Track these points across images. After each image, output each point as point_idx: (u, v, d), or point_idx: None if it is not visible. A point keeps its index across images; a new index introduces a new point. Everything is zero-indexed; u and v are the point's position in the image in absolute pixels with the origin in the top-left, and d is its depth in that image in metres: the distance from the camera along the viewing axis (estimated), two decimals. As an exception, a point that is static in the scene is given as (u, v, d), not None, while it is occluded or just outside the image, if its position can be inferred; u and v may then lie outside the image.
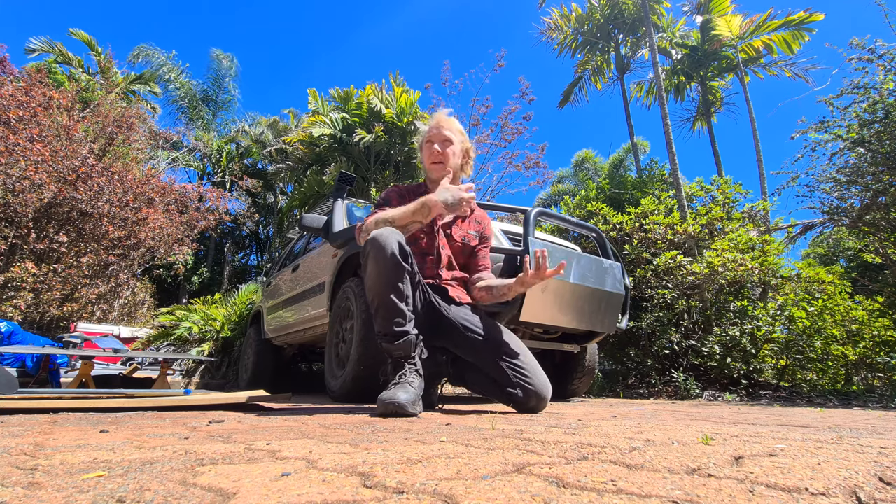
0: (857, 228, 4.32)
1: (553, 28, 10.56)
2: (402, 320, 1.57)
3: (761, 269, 4.41)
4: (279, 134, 13.90)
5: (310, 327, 3.35)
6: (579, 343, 2.95)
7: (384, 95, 9.19)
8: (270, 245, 16.88)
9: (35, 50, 12.11)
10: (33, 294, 6.13)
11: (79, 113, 8.24)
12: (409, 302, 1.59)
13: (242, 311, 6.40)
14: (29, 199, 6.10)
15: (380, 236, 1.55)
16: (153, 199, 7.98)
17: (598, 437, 1.01)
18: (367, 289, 1.60)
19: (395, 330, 1.57)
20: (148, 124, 12.28)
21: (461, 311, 1.79)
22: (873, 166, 3.96)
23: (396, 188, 1.95)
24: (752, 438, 0.99)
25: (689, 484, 0.56)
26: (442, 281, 1.83)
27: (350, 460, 0.71)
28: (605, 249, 3.00)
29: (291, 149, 10.63)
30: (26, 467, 0.66)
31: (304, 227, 3.05)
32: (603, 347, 4.81)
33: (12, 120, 6.21)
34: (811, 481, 0.57)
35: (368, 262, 1.57)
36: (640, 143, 13.78)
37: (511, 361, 1.69)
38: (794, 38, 9.00)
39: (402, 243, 1.55)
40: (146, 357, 5.57)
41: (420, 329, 1.65)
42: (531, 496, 0.51)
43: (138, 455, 0.76)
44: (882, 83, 3.97)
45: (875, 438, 1.03)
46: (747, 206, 5.45)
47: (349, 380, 2.35)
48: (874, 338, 3.95)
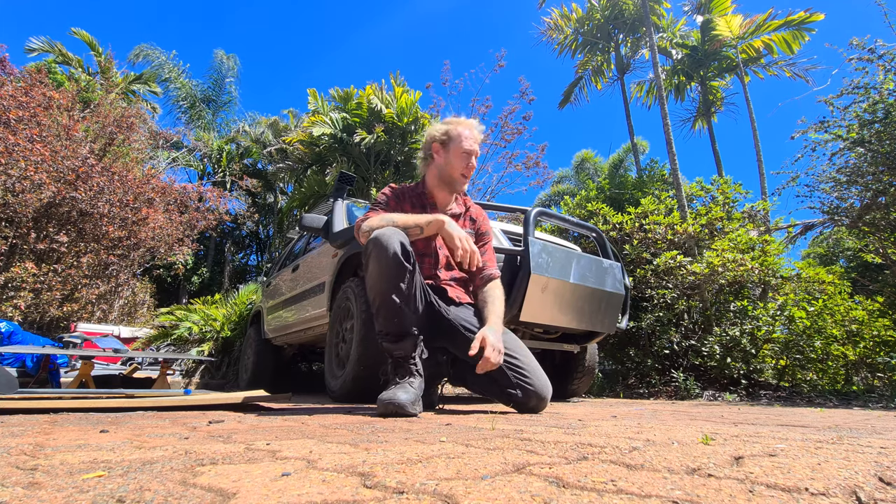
0: (857, 228, 4.33)
1: (553, 28, 10.56)
2: (403, 320, 1.57)
3: (761, 269, 4.41)
4: (279, 134, 13.90)
5: (310, 327, 3.35)
6: (579, 343, 2.95)
7: (384, 95, 9.19)
8: (270, 245, 16.88)
9: (35, 49, 12.11)
10: (33, 294, 6.13)
11: (79, 113, 8.25)
12: (410, 302, 1.59)
13: (242, 311, 6.40)
14: (29, 200, 6.10)
15: (382, 236, 1.55)
16: (153, 199, 7.98)
17: (598, 437, 1.01)
18: (368, 288, 1.60)
19: (396, 330, 1.57)
20: (148, 124, 12.28)
21: (461, 312, 1.79)
22: (873, 166, 3.96)
23: (392, 189, 1.93)
24: (752, 438, 0.99)
25: (689, 484, 0.56)
26: (440, 282, 1.83)
27: (350, 460, 0.71)
28: (605, 249, 3.00)
29: (291, 149, 10.63)
30: (26, 467, 0.66)
31: (304, 227, 3.05)
32: (603, 347, 4.81)
33: (12, 120, 6.21)
34: (811, 481, 0.57)
35: (370, 261, 1.57)
36: (640, 143, 13.76)
37: (511, 362, 1.69)
38: (794, 38, 8.99)
39: (404, 243, 1.55)
40: (146, 357, 5.57)
41: (420, 329, 1.64)
42: (531, 496, 0.51)
43: (138, 455, 0.76)
44: (882, 83, 3.97)
45: (875, 438, 1.03)
46: (747, 206, 5.45)
47: (349, 380, 2.35)
48: (874, 338, 3.95)
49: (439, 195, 1.92)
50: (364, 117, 9.18)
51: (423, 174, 1.97)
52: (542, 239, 2.65)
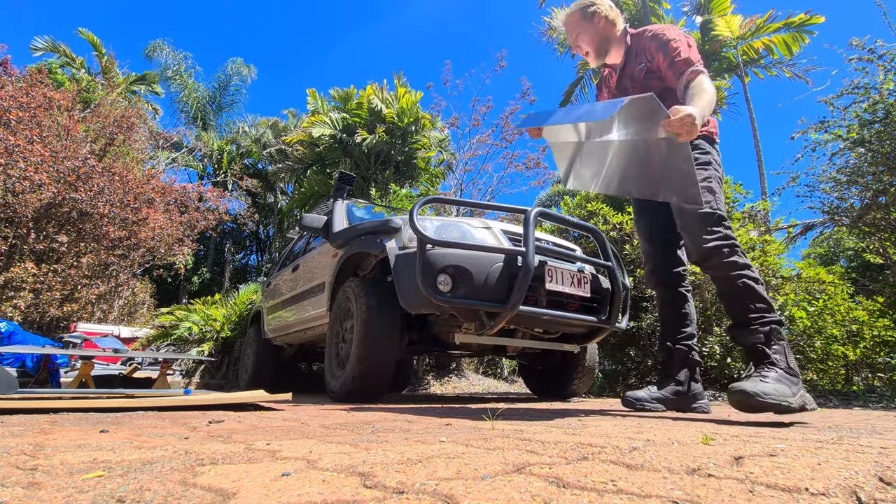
0: (857, 228, 4.32)
1: (553, 28, 10.57)
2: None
3: (761, 270, 4.41)
4: (279, 134, 13.90)
5: (310, 327, 3.35)
6: (579, 343, 2.95)
7: (385, 95, 9.19)
8: (270, 245, 16.88)
9: (39, 49, 12.15)
10: (33, 294, 6.13)
11: (79, 113, 8.25)
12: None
13: (242, 311, 6.40)
14: (29, 200, 6.10)
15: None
16: (153, 200, 7.99)
17: (598, 437, 1.01)
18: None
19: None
20: (148, 124, 12.29)
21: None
22: (873, 166, 3.96)
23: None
24: (752, 438, 0.99)
25: (690, 484, 0.56)
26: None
27: (350, 460, 0.71)
28: (605, 249, 2.99)
29: (291, 149, 10.63)
30: (26, 467, 0.66)
31: (304, 227, 3.05)
32: (603, 347, 4.81)
33: (12, 121, 6.21)
34: (811, 481, 0.57)
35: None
36: (641, 143, 13.73)
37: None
38: (794, 39, 9.00)
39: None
40: (146, 357, 5.57)
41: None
42: (531, 496, 0.51)
43: (138, 455, 0.76)
44: (882, 83, 3.97)
45: (875, 438, 1.03)
46: (747, 206, 5.44)
47: (349, 380, 2.35)
48: (875, 338, 3.95)
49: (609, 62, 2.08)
50: (364, 117, 9.18)
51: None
52: (542, 238, 2.65)
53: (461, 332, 2.47)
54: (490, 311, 2.15)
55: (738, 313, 1.70)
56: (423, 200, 2.31)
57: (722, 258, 1.69)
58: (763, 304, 1.66)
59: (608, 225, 5.21)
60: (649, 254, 2.14)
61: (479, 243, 2.25)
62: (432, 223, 2.37)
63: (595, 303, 2.53)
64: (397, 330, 2.44)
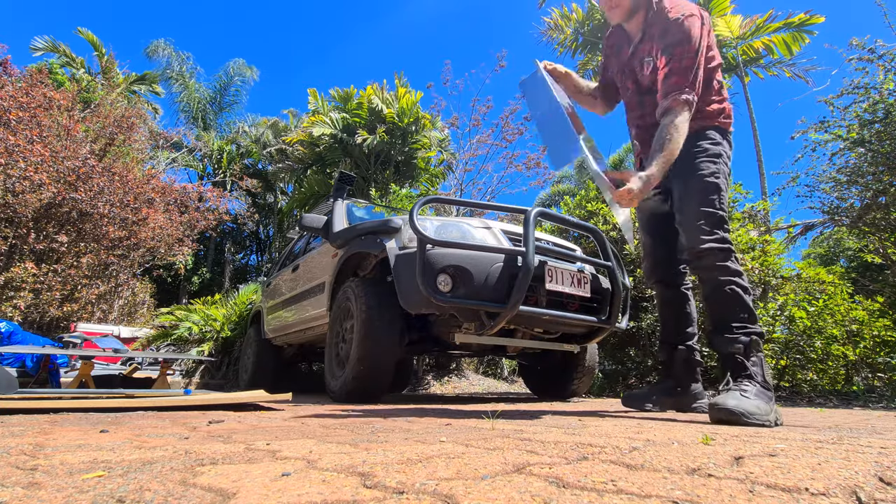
0: (857, 228, 4.32)
1: (553, 28, 10.56)
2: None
3: (761, 270, 4.41)
4: (279, 134, 13.91)
5: (310, 327, 3.35)
6: (579, 343, 2.95)
7: (385, 95, 9.19)
8: (270, 245, 16.88)
9: (39, 49, 12.14)
10: (33, 294, 6.13)
11: (79, 113, 8.25)
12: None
13: (242, 311, 6.40)
14: (29, 200, 6.10)
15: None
16: (153, 200, 7.99)
17: (598, 437, 1.01)
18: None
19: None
20: (148, 124, 12.29)
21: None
22: (873, 166, 3.96)
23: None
24: (752, 438, 0.99)
25: (690, 484, 0.56)
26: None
27: (350, 460, 0.71)
28: (604, 249, 2.99)
29: (291, 149, 10.63)
30: (26, 467, 0.66)
31: (304, 227, 3.05)
32: (603, 347, 4.81)
33: (12, 121, 6.21)
34: (811, 481, 0.57)
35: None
36: (641, 143, 13.73)
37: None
38: (794, 39, 8.99)
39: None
40: (146, 357, 5.57)
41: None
42: (531, 496, 0.51)
43: (138, 455, 0.76)
44: (882, 83, 3.97)
45: (875, 438, 1.03)
46: (747, 206, 5.44)
47: (349, 380, 2.35)
48: (874, 338, 3.94)
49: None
50: (364, 117, 9.18)
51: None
52: (542, 238, 2.65)
53: (461, 332, 2.47)
54: (490, 311, 2.15)
55: (720, 319, 1.69)
56: (423, 200, 2.30)
57: (715, 260, 1.67)
58: (747, 315, 1.65)
59: (608, 225, 5.21)
60: (650, 248, 2.09)
61: (479, 243, 2.25)
62: (432, 223, 2.37)
63: (595, 303, 2.53)
64: (397, 330, 2.44)
